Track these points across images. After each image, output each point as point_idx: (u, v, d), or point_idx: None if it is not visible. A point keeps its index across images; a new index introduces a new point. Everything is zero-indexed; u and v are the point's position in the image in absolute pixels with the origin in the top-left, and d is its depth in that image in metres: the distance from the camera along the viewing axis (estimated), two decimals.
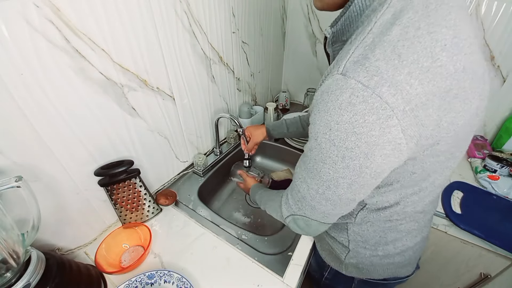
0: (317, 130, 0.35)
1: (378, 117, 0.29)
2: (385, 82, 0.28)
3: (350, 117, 0.30)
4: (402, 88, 0.28)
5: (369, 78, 0.29)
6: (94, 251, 0.60)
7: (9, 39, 0.41)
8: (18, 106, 0.45)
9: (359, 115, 0.30)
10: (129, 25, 0.56)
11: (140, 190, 0.72)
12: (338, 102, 0.31)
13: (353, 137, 0.31)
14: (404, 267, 0.56)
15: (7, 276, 0.41)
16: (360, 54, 0.30)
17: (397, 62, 0.28)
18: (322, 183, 0.38)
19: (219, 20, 0.81)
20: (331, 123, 0.32)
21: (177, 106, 0.78)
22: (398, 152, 0.32)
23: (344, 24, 0.38)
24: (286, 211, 0.49)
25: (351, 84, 0.30)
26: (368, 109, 0.29)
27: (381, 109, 0.29)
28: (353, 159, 0.32)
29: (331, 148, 0.33)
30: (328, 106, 0.32)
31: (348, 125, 0.31)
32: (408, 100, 0.29)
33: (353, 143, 0.31)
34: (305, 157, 0.41)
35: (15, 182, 0.41)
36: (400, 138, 0.30)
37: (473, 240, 0.77)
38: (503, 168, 0.90)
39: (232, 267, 0.63)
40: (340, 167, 0.34)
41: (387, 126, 0.29)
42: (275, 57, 1.30)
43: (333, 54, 0.45)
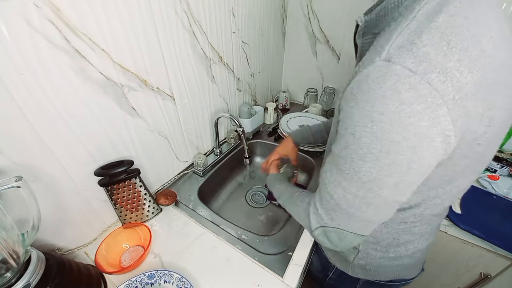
0: (354, 123, 0.31)
1: (427, 105, 0.27)
2: (434, 69, 0.26)
3: (396, 106, 0.27)
4: (452, 75, 0.26)
5: (417, 64, 0.27)
6: (94, 251, 0.60)
7: (9, 39, 0.41)
8: (18, 106, 0.45)
9: (406, 104, 0.27)
10: (129, 25, 0.56)
11: (140, 190, 0.72)
12: (381, 90, 0.28)
13: (400, 128, 0.28)
14: (412, 269, 0.56)
15: (7, 276, 0.41)
16: (405, 39, 0.28)
17: (446, 49, 0.27)
18: (362, 184, 0.33)
19: (219, 20, 0.81)
20: (374, 113, 0.29)
21: (177, 106, 0.78)
22: (447, 145, 0.29)
23: (379, 15, 0.36)
24: (316, 222, 0.42)
25: (396, 70, 0.27)
26: (416, 97, 0.27)
27: (430, 97, 0.26)
28: (400, 153, 0.29)
29: (374, 142, 0.30)
30: (369, 96, 0.29)
31: (393, 115, 0.28)
32: (458, 88, 0.27)
33: (399, 136, 0.28)
34: (335, 159, 0.36)
35: (15, 182, 0.41)
36: (450, 130, 0.28)
37: (473, 240, 0.77)
38: (503, 168, 0.90)
39: (232, 267, 0.63)
40: (385, 163, 0.30)
41: (437, 116, 0.27)
42: (275, 57, 1.30)
43: (361, 46, 0.42)
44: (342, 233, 0.39)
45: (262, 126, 1.24)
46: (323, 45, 1.22)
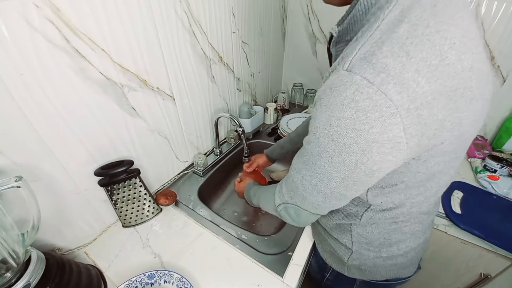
0: (317, 124, 0.35)
1: (381, 114, 0.28)
2: (391, 79, 0.28)
3: (352, 113, 0.30)
4: (408, 86, 0.28)
5: (375, 75, 0.28)
6: (94, 251, 0.60)
7: (9, 39, 0.41)
8: (18, 106, 0.45)
9: (362, 111, 0.29)
10: (129, 25, 0.56)
11: (140, 190, 0.72)
12: (341, 98, 0.30)
13: (353, 133, 0.31)
14: (407, 268, 0.56)
15: (7, 276, 0.41)
16: (367, 50, 0.30)
17: (405, 60, 0.28)
18: (316, 175, 0.38)
19: (219, 20, 0.81)
20: (332, 118, 0.32)
21: (177, 106, 0.78)
22: (397, 151, 0.31)
23: (349, 23, 0.38)
24: (279, 199, 0.50)
25: (356, 80, 0.29)
26: (372, 106, 0.28)
27: (385, 107, 0.28)
28: (350, 154, 0.32)
29: (329, 143, 0.33)
30: (330, 102, 0.32)
31: (349, 121, 0.30)
32: (414, 98, 0.28)
33: (351, 139, 0.31)
34: (302, 150, 0.41)
35: (15, 182, 0.41)
36: (401, 137, 0.30)
37: (473, 240, 0.77)
38: (503, 168, 0.90)
39: (232, 267, 0.63)
40: (336, 161, 0.34)
41: (389, 124, 0.29)
42: (275, 57, 1.30)
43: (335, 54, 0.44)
44: (299, 210, 0.46)
45: (262, 126, 1.24)
46: (323, 45, 1.22)
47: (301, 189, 0.42)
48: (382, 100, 0.28)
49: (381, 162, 0.32)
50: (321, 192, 0.40)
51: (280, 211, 0.51)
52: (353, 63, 0.30)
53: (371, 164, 0.33)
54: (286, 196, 0.48)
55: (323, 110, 0.33)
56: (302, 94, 1.37)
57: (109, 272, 0.61)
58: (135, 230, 0.72)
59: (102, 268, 0.62)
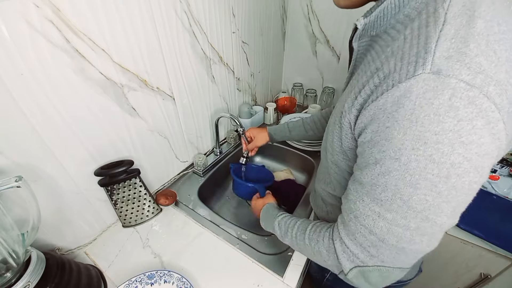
0: (398, 146, 0.28)
1: (487, 121, 0.25)
2: (490, 81, 0.24)
3: (455, 124, 0.25)
4: (505, 87, 0.25)
5: (473, 76, 0.24)
6: (94, 251, 0.60)
7: (9, 39, 0.41)
8: (18, 106, 0.45)
9: (466, 120, 0.24)
10: (129, 25, 0.56)
11: (140, 190, 0.72)
12: (433, 107, 0.25)
13: (461, 148, 0.25)
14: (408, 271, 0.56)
15: (7, 276, 0.41)
16: (450, 48, 0.25)
17: (495, 59, 0.25)
18: (415, 214, 0.30)
19: (219, 20, 0.81)
20: (427, 134, 0.26)
21: (177, 106, 0.78)
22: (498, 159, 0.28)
23: (378, 16, 0.34)
24: (348, 263, 0.37)
25: (450, 83, 0.24)
26: (476, 112, 0.24)
27: (491, 112, 0.24)
28: (462, 176, 0.27)
29: (429, 166, 0.27)
30: (417, 114, 0.26)
31: (452, 134, 0.25)
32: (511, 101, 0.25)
33: (461, 157, 0.26)
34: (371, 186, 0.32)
35: (15, 182, 0.41)
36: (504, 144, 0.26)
37: (473, 240, 0.77)
38: (503, 168, 0.90)
39: (232, 267, 0.63)
40: (444, 189, 0.27)
41: (497, 131, 0.25)
42: (275, 57, 1.30)
43: (357, 49, 0.40)
44: (388, 270, 0.35)
45: (262, 126, 1.24)
46: (323, 45, 1.22)
47: (392, 241, 0.32)
48: (486, 104, 0.24)
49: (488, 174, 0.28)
50: (426, 234, 0.31)
51: (351, 278, 0.38)
52: (438, 64, 0.25)
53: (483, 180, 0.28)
54: (363, 256, 0.35)
55: (406, 126, 0.27)
56: (302, 94, 1.37)
57: (109, 272, 0.61)
58: (135, 230, 0.72)
59: (102, 268, 0.62)
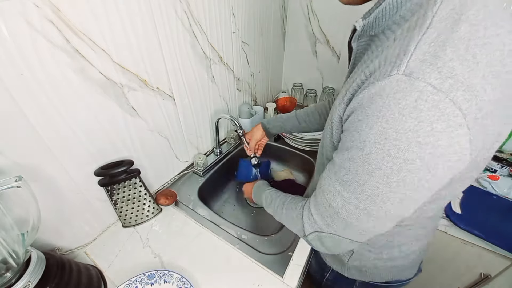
0: (364, 138, 0.30)
1: (448, 125, 0.25)
2: (460, 86, 0.25)
3: (415, 124, 0.26)
4: (477, 93, 0.25)
5: (442, 81, 0.25)
6: (94, 251, 0.60)
7: (9, 39, 0.41)
8: (18, 106, 0.45)
9: (426, 122, 0.26)
10: (129, 25, 0.56)
11: (140, 190, 0.72)
12: (399, 107, 0.27)
13: (416, 147, 0.27)
14: (407, 270, 0.56)
15: (7, 276, 0.41)
16: (426, 51, 0.26)
17: (472, 64, 0.25)
18: (366, 197, 0.33)
19: (219, 20, 0.81)
20: (389, 131, 0.28)
21: (177, 106, 0.78)
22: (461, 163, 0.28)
23: (377, 17, 0.35)
24: (309, 227, 0.43)
25: (418, 86, 0.25)
26: (438, 115, 0.25)
27: (453, 116, 0.25)
28: (412, 172, 0.28)
29: (385, 159, 0.29)
30: (384, 111, 0.28)
31: (411, 134, 0.27)
32: (481, 107, 0.26)
33: (414, 154, 0.27)
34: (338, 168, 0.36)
35: (15, 182, 0.41)
36: (467, 149, 0.27)
37: (473, 240, 0.77)
38: (503, 168, 0.90)
39: (232, 267, 0.63)
40: (394, 180, 0.30)
41: (456, 135, 0.26)
42: (275, 57, 1.30)
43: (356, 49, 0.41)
44: (338, 238, 0.40)
45: None
46: (323, 45, 1.22)
47: (343, 215, 0.36)
48: (450, 108, 0.25)
49: (445, 176, 0.30)
50: (372, 216, 0.34)
51: (311, 240, 0.44)
52: (411, 66, 0.26)
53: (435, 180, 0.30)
54: (321, 223, 0.41)
55: (373, 121, 0.29)
56: (302, 94, 1.37)
57: (109, 272, 0.61)
58: (135, 230, 0.72)
59: (102, 268, 0.62)
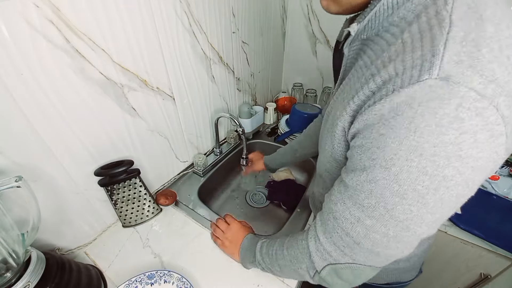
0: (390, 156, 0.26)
1: (491, 134, 0.23)
2: (502, 91, 0.22)
3: (456, 136, 0.23)
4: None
5: (485, 86, 0.22)
6: (94, 251, 0.60)
7: (9, 39, 0.41)
8: (18, 106, 0.45)
9: (469, 133, 0.22)
10: (129, 25, 0.56)
11: (140, 190, 0.72)
12: (436, 117, 0.23)
13: (458, 162, 0.24)
14: (408, 272, 0.56)
15: (7, 276, 0.41)
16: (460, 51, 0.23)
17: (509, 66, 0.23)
18: (396, 223, 0.29)
19: (219, 20, 0.81)
20: (425, 145, 0.24)
21: (177, 106, 0.78)
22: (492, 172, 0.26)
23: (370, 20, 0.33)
24: (321, 260, 0.37)
25: (459, 92, 0.22)
26: (482, 125, 0.22)
27: (496, 125, 0.23)
28: (451, 189, 0.25)
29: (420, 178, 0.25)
30: (417, 123, 0.24)
31: (452, 147, 0.23)
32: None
33: (455, 170, 0.24)
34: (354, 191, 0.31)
35: (15, 182, 0.41)
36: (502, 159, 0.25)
37: (473, 240, 0.77)
38: (503, 168, 0.90)
39: (232, 267, 0.63)
40: (431, 200, 0.26)
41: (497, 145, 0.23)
42: (275, 57, 1.30)
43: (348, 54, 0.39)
44: (359, 268, 0.34)
45: (262, 126, 1.24)
46: (323, 45, 1.22)
47: (367, 245, 0.32)
48: (493, 116, 0.22)
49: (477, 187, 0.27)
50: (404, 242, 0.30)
51: (325, 276, 0.37)
52: (447, 69, 0.23)
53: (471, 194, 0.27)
54: (335, 254, 0.35)
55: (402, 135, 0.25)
56: (302, 94, 1.36)
57: (109, 272, 0.61)
58: (135, 230, 0.72)
59: (102, 268, 0.62)
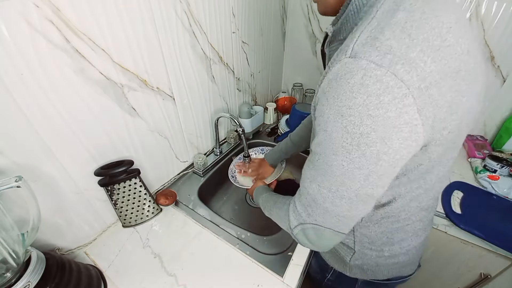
0: (326, 119, 0.33)
1: (393, 96, 0.28)
2: (398, 60, 0.28)
3: (364, 99, 0.28)
4: (416, 65, 0.28)
5: (381, 57, 0.28)
6: (94, 251, 0.60)
7: (9, 39, 0.41)
8: (18, 106, 0.45)
9: (374, 96, 0.28)
10: (129, 25, 0.56)
11: (140, 190, 0.72)
12: (349, 85, 0.29)
13: (369, 120, 0.29)
14: (408, 266, 0.56)
15: (7, 276, 0.41)
16: (368, 36, 0.30)
17: (408, 41, 0.28)
18: (335, 178, 0.34)
19: (219, 20, 0.81)
20: (343, 108, 0.30)
21: (177, 106, 0.78)
22: (415, 134, 0.30)
23: (343, 23, 0.38)
24: (295, 220, 0.43)
25: (362, 65, 0.28)
26: (383, 88, 0.28)
27: (397, 88, 0.28)
28: (370, 145, 0.30)
29: (344, 136, 0.31)
30: (338, 92, 0.30)
31: (362, 108, 0.29)
32: (423, 77, 0.28)
33: (368, 127, 0.29)
34: (313, 155, 0.38)
35: (15, 182, 0.41)
36: (416, 119, 0.29)
37: (473, 240, 0.77)
38: (503, 168, 0.90)
39: (232, 267, 0.63)
40: (355, 156, 0.31)
41: (403, 105, 0.28)
42: (275, 57, 1.30)
43: (329, 54, 0.45)
44: (320, 229, 0.40)
45: (262, 126, 1.24)
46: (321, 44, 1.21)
47: (320, 200, 0.37)
48: (393, 81, 0.27)
49: (402, 148, 0.31)
50: (344, 197, 0.35)
51: (296, 234, 0.43)
52: (356, 49, 0.30)
53: (393, 153, 0.31)
54: (304, 215, 0.41)
55: (331, 102, 0.31)
56: (302, 94, 1.37)
57: (109, 272, 0.61)
58: (135, 230, 0.72)
59: (102, 268, 0.62)
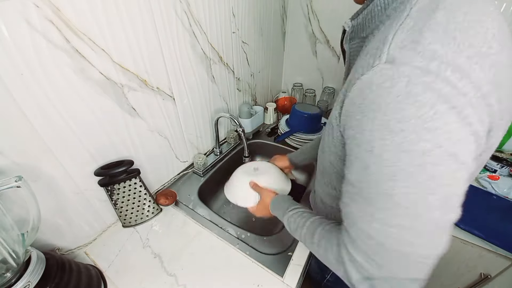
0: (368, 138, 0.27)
1: (451, 105, 0.24)
2: (447, 66, 0.24)
3: (415, 110, 0.24)
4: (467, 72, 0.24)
5: (427, 63, 0.24)
6: (94, 251, 0.60)
7: (9, 39, 0.41)
8: (18, 106, 0.45)
9: (427, 106, 0.24)
10: (129, 25, 0.56)
11: (140, 190, 0.72)
12: (391, 95, 0.25)
13: (428, 135, 0.24)
14: None
15: (7, 276, 0.41)
16: (404, 39, 0.26)
17: (453, 45, 0.24)
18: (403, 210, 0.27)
19: (219, 20, 0.81)
20: (391, 122, 0.25)
21: (177, 106, 0.78)
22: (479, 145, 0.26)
23: (366, 19, 0.34)
24: (357, 274, 0.33)
25: (404, 71, 0.25)
26: (436, 97, 0.24)
27: (452, 96, 0.24)
28: (437, 163, 0.25)
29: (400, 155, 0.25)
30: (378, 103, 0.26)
31: (415, 121, 0.24)
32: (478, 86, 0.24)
33: (430, 143, 0.24)
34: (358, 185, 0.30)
35: (15, 182, 0.41)
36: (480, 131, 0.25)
37: (473, 240, 0.77)
38: (503, 168, 0.90)
39: (232, 267, 0.63)
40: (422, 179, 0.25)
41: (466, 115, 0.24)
42: (275, 57, 1.30)
43: (349, 51, 0.40)
44: (399, 283, 0.30)
45: (262, 126, 1.24)
46: (323, 45, 1.22)
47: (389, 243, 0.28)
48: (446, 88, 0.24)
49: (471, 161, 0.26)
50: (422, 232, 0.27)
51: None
52: (393, 54, 0.26)
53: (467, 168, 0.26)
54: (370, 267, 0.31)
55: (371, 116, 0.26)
56: (302, 94, 1.37)
57: (109, 272, 0.61)
58: (135, 230, 0.72)
59: (102, 268, 0.62)
